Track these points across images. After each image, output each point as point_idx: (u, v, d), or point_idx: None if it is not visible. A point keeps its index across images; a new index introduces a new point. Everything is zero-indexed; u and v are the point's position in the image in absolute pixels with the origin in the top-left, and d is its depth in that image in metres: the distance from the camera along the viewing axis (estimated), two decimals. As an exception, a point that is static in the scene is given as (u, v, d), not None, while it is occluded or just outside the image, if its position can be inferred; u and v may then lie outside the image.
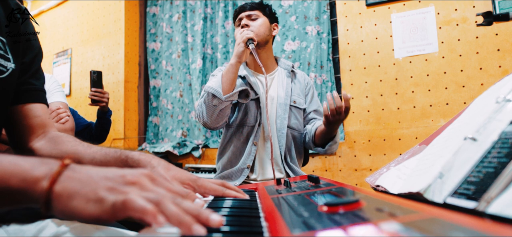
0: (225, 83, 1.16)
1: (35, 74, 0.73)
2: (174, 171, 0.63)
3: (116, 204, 0.33)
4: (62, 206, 0.34)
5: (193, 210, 0.35)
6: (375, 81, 1.97)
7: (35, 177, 0.35)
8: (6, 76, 0.63)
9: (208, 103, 1.18)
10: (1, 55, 0.62)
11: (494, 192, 0.32)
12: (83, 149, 0.68)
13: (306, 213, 0.37)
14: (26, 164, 0.36)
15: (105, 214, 0.33)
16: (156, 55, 3.05)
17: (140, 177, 0.38)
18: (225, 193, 0.60)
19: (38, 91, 0.73)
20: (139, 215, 0.33)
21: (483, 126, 0.42)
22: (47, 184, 0.35)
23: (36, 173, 0.36)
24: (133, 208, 0.33)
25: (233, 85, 1.18)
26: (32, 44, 0.73)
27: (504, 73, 1.66)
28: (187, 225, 0.33)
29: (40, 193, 0.35)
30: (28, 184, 0.35)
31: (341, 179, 2.00)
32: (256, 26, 1.29)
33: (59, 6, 3.54)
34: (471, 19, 1.75)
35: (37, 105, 0.72)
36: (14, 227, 0.67)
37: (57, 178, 0.35)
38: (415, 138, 1.82)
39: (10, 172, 0.35)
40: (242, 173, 1.27)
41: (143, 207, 0.33)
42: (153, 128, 3.02)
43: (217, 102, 1.16)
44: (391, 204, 0.37)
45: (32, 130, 0.70)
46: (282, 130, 1.30)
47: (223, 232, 0.34)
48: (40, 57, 0.76)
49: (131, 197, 0.33)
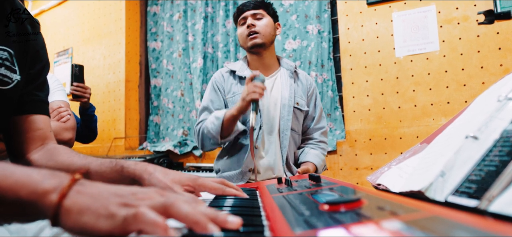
0: (225, 131, 1.19)
1: (41, 85, 0.74)
2: (173, 174, 0.62)
3: (127, 217, 0.33)
4: (72, 221, 0.34)
5: (209, 212, 0.35)
6: (376, 80, 1.97)
7: (45, 190, 0.35)
8: (10, 88, 0.63)
9: (205, 140, 1.25)
10: (8, 67, 0.63)
11: (495, 190, 0.32)
12: (78, 160, 0.68)
13: (308, 211, 0.37)
14: (37, 176, 0.36)
15: (117, 229, 0.33)
16: (157, 54, 3.06)
17: (151, 193, 0.37)
18: (225, 192, 0.60)
19: (41, 102, 0.73)
20: (150, 228, 0.32)
21: (485, 124, 0.42)
22: (57, 198, 0.34)
23: (45, 185, 0.35)
24: (144, 221, 0.32)
25: (232, 130, 1.20)
26: (41, 56, 0.73)
27: (505, 71, 1.66)
28: (203, 224, 0.33)
29: (49, 207, 0.34)
30: (38, 197, 0.34)
31: (342, 178, 2.00)
32: (262, 26, 1.27)
33: (60, 5, 3.54)
34: (472, 17, 1.74)
35: (40, 116, 0.72)
36: (16, 226, 0.67)
37: (67, 193, 0.35)
38: (416, 137, 1.82)
39: (21, 183, 0.35)
40: (244, 177, 1.25)
41: (154, 220, 0.32)
42: (154, 127, 3.02)
43: (214, 142, 1.22)
44: (393, 203, 0.37)
45: (32, 142, 0.70)
46: (285, 132, 1.28)
47: (224, 231, 0.34)
48: (47, 70, 0.76)
49: (142, 210, 0.33)
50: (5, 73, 0.62)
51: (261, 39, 1.26)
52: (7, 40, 0.64)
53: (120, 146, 2.85)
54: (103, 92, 3.03)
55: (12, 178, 0.35)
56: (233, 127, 1.18)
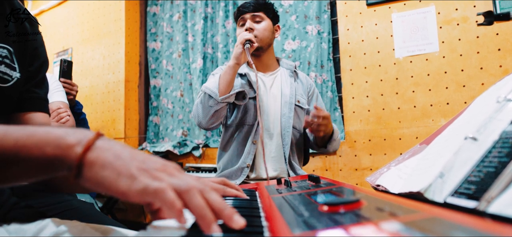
0: (222, 84, 1.15)
1: (40, 83, 0.74)
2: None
3: (148, 188, 0.33)
4: (93, 174, 0.34)
5: (218, 204, 0.36)
6: (375, 81, 1.97)
7: (69, 143, 0.35)
8: (10, 85, 0.63)
9: (204, 103, 1.17)
10: (7, 64, 0.63)
11: (494, 191, 0.32)
12: None
13: (307, 212, 0.37)
14: (60, 132, 0.37)
15: (133, 193, 0.33)
16: (156, 54, 3.05)
17: (168, 167, 0.38)
18: (226, 192, 0.60)
19: (41, 100, 0.73)
20: (167, 208, 0.33)
21: (484, 125, 0.42)
22: (81, 150, 0.35)
23: (70, 139, 0.36)
24: (163, 199, 0.33)
25: (231, 86, 1.16)
26: (39, 53, 0.73)
27: (504, 72, 1.66)
28: (208, 221, 0.33)
29: (73, 159, 0.35)
30: (62, 150, 0.35)
31: (342, 178, 2.00)
32: (261, 30, 1.26)
33: (59, 5, 3.54)
34: (471, 18, 1.74)
35: (39, 114, 0.72)
36: (14, 226, 0.67)
37: (91, 146, 0.35)
38: (416, 137, 1.82)
39: (44, 140, 0.36)
40: (242, 173, 1.26)
41: (173, 201, 0.33)
42: (154, 128, 3.02)
43: (213, 103, 1.15)
44: (392, 204, 0.37)
45: None
46: (287, 129, 1.28)
47: (224, 230, 0.34)
48: (45, 67, 0.77)
49: (164, 187, 0.33)
50: (5, 71, 0.62)
51: (258, 44, 1.25)
52: (6, 38, 0.64)
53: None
54: (103, 92, 3.03)
55: (35, 137, 0.36)
56: (231, 80, 1.15)
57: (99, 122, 3.02)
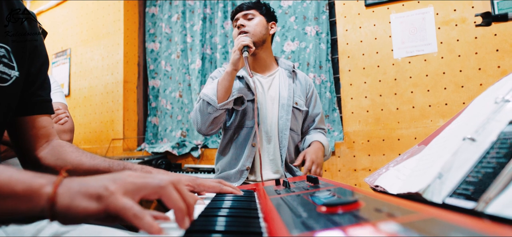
0: (221, 91, 1.16)
1: (42, 84, 0.75)
2: (174, 175, 0.65)
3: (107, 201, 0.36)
4: (66, 206, 0.36)
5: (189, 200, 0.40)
6: (374, 82, 1.97)
7: (40, 184, 0.37)
8: (9, 84, 0.63)
9: (202, 111, 1.19)
10: (5, 63, 0.63)
11: (493, 192, 0.32)
12: (87, 160, 0.71)
13: (305, 213, 0.37)
14: (29, 174, 0.39)
15: (101, 211, 0.36)
16: (155, 55, 3.05)
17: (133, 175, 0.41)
18: (222, 189, 0.68)
19: (44, 102, 0.75)
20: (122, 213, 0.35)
21: (482, 126, 0.42)
22: (52, 188, 0.37)
23: (39, 181, 0.38)
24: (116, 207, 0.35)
25: (229, 93, 1.17)
26: (39, 52, 0.74)
27: (503, 73, 1.67)
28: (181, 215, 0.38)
29: (46, 198, 0.36)
30: (34, 190, 0.37)
31: (340, 179, 2.00)
32: (252, 26, 1.28)
33: (58, 6, 3.53)
34: (470, 19, 1.75)
35: (44, 116, 0.74)
36: (13, 227, 0.67)
37: (60, 183, 0.38)
38: (414, 138, 1.83)
39: (15, 179, 0.37)
40: (242, 175, 1.26)
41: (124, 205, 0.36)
42: (152, 128, 3.01)
43: (212, 109, 1.16)
44: (390, 205, 0.37)
45: (37, 140, 0.72)
46: (284, 132, 1.28)
47: (222, 232, 0.34)
48: (46, 66, 0.78)
49: (113, 197, 0.36)
50: (3, 70, 0.62)
51: (252, 39, 1.25)
52: (5, 38, 0.64)
53: (118, 147, 2.84)
54: (101, 93, 3.02)
55: (5, 174, 0.37)
56: (229, 86, 1.16)
57: (97, 123, 3.01)
